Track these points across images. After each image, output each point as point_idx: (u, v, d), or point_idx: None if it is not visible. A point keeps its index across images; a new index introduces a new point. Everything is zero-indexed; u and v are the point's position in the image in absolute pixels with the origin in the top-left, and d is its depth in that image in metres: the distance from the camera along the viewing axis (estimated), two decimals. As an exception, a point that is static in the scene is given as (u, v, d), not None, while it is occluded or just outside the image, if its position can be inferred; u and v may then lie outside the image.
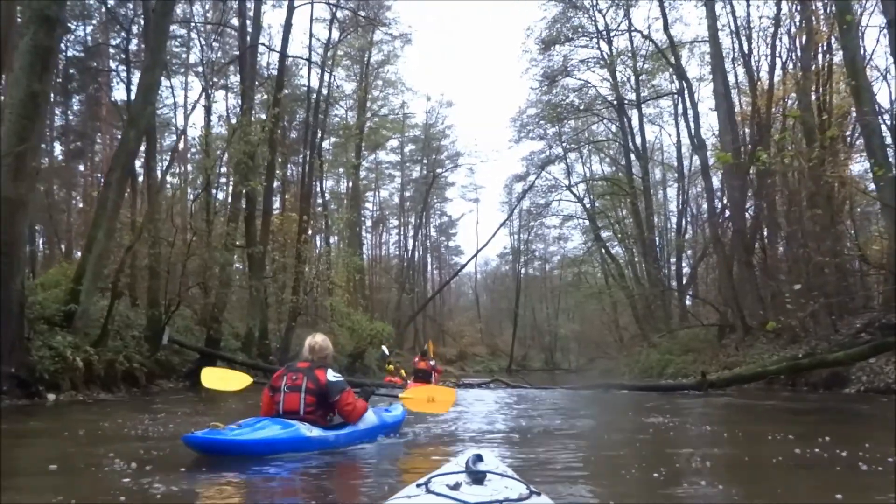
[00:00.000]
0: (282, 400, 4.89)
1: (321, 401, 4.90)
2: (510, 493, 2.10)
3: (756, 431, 6.75)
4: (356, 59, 38.26)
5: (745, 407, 10.77)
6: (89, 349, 10.99)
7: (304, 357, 5.12)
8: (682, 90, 25.69)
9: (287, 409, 4.84)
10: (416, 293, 47.47)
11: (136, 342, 14.16)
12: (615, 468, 4.59)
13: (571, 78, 34.47)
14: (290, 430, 4.60)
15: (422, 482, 2.20)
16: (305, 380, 4.89)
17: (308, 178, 25.38)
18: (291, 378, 4.95)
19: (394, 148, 49.87)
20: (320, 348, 5.08)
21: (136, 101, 12.43)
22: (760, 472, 4.32)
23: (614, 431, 7.32)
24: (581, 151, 44.04)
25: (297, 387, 4.89)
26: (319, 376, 4.96)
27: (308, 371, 4.96)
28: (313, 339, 5.19)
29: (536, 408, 10.93)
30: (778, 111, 22.11)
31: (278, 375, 5.06)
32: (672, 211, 40.72)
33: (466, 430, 6.85)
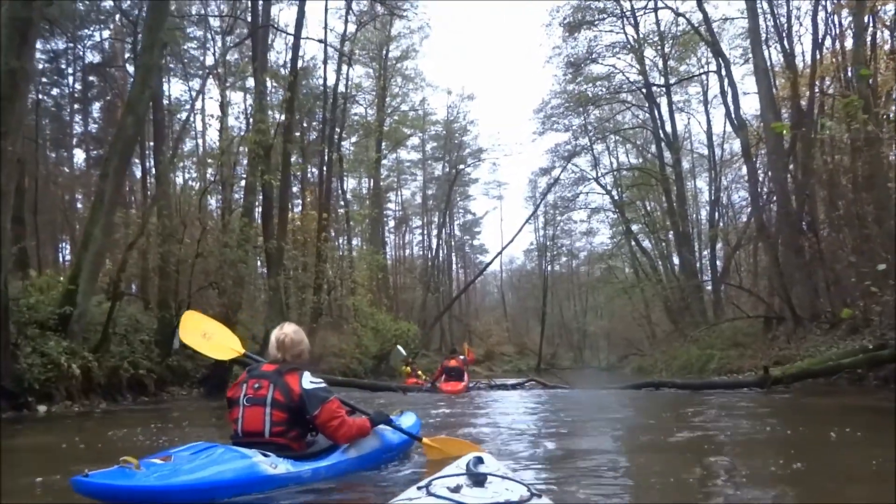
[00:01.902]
0: (241, 417, 3.53)
1: (294, 417, 3.54)
2: (511, 496, 2.11)
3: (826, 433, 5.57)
4: (374, 56, 37.37)
5: (810, 406, 9.52)
6: (87, 355, 10.07)
7: (272, 356, 3.75)
8: (719, 68, 24.26)
9: (248, 430, 3.51)
10: (441, 293, 46.50)
11: (144, 347, 13.27)
12: (649, 473, 4.15)
13: (597, 64, 33.10)
14: (240, 464, 3.13)
15: (422, 484, 2.21)
16: (272, 388, 3.51)
17: (327, 173, 24.44)
18: (253, 387, 3.55)
19: (415, 146, 49.05)
20: (291, 343, 3.72)
21: (133, 84, 11.51)
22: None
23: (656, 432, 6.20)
24: (607, 142, 42.82)
25: (260, 399, 3.50)
26: (291, 383, 3.56)
27: (275, 376, 3.56)
28: (280, 331, 3.80)
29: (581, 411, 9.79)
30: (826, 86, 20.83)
31: (237, 384, 3.67)
32: (703, 202, 39.35)
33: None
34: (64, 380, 9.29)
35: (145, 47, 11.04)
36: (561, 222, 49.82)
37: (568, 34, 31.24)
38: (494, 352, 48.86)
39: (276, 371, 3.58)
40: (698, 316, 29.50)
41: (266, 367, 3.64)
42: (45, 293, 10.98)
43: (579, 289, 59.19)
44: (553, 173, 41.63)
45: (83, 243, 10.24)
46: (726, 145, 35.17)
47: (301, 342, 3.78)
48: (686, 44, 29.75)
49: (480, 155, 48.22)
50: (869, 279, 9.74)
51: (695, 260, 32.45)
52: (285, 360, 3.67)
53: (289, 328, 3.79)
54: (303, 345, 3.79)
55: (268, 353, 3.78)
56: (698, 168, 40.79)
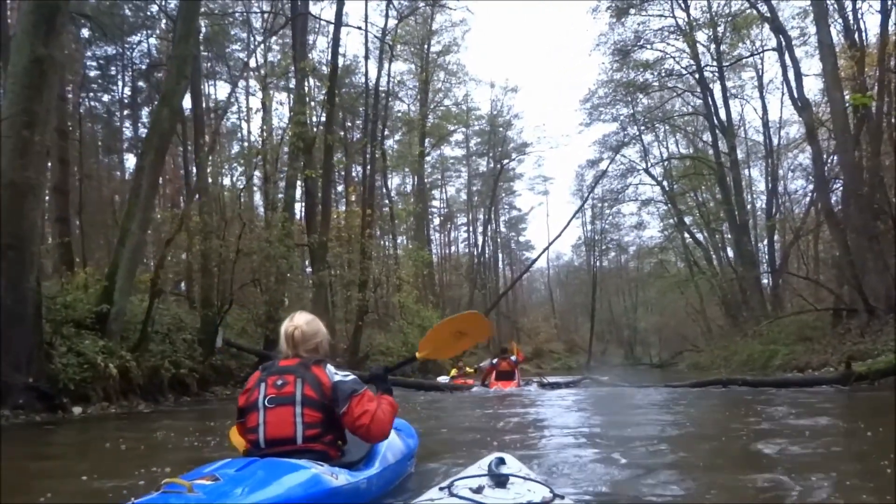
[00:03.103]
0: (261, 423, 2.89)
1: (330, 417, 2.94)
2: (533, 497, 2.09)
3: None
4: (416, 52, 36.91)
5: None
6: (126, 354, 9.75)
7: (284, 352, 3.10)
8: (779, 46, 22.92)
9: (274, 437, 2.87)
10: (487, 289, 45.85)
11: (187, 346, 13.00)
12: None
13: (646, 50, 31.91)
14: (302, 477, 2.55)
15: (444, 485, 2.22)
16: (300, 384, 2.91)
17: (371, 169, 24.03)
18: (274, 385, 2.92)
19: (459, 142, 48.47)
20: (303, 336, 3.06)
21: (168, 75, 11.19)
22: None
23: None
24: (657, 132, 41.52)
25: (286, 397, 2.89)
26: (320, 376, 2.95)
27: (301, 370, 2.95)
28: (290, 322, 3.13)
29: (644, 411, 9.02)
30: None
31: (250, 387, 3.03)
32: (757, 192, 37.69)
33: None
34: (101, 380, 8.97)
35: (180, 37, 10.70)
36: (609, 216, 48.72)
37: (615, 19, 30.16)
38: (543, 349, 48.04)
39: (301, 364, 2.97)
40: (758, 310, 28.16)
41: (285, 362, 3.02)
42: (84, 291, 10.74)
43: (629, 284, 57.92)
44: (601, 165, 40.59)
45: (120, 239, 9.96)
46: (783, 132, 33.78)
47: (316, 334, 3.13)
48: (740, 24, 28.33)
49: (525, 149, 47.40)
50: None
51: (754, 250, 30.98)
52: (302, 355, 3.05)
53: (300, 318, 3.14)
54: (318, 336, 3.14)
55: (279, 346, 3.15)
56: (752, 157, 39.16)
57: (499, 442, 5.30)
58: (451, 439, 5.94)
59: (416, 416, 7.88)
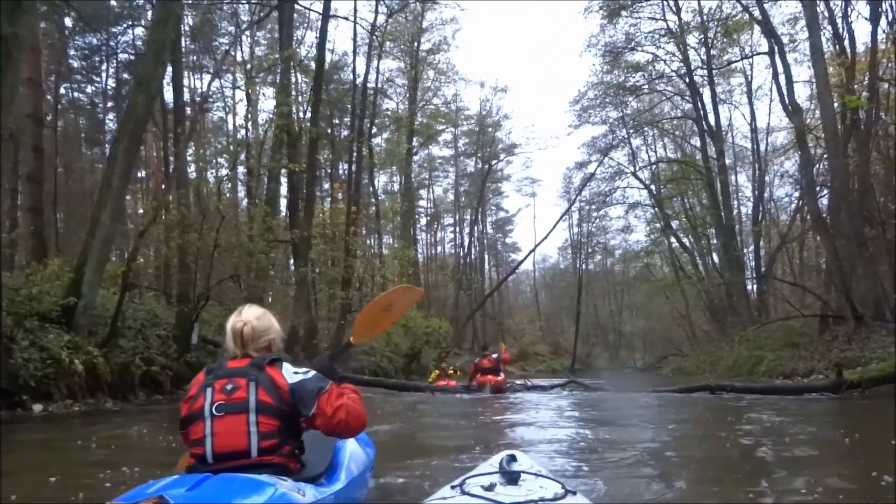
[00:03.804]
0: (209, 434, 2.45)
1: (289, 424, 2.53)
2: (545, 493, 2.06)
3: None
4: (406, 50, 36.55)
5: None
6: (93, 350, 9.32)
7: (231, 351, 2.65)
8: (771, 50, 22.79)
9: (224, 451, 2.43)
10: (473, 290, 45.59)
11: (161, 342, 12.57)
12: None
13: (637, 52, 31.76)
14: (264, 495, 2.13)
15: (456, 483, 2.20)
16: (253, 388, 2.48)
17: (356, 165, 23.64)
18: (223, 390, 2.48)
19: (447, 141, 48.15)
20: (253, 333, 2.62)
21: (145, 59, 10.73)
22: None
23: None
24: (645, 136, 41.48)
25: (238, 404, 2.46)
26: (276, 377, 2.52)
27: (253, 371, 2.52)
28: (238, 317, 2.67)
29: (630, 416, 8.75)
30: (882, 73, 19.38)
31: (193, 393, 2.57)
32: (746, 197, 37.67)
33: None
34: (65, 376, 8.54)
35: (158, 21, 10.28)
36: (596, 219, 48.60)
37: (607, 20, 29.98)
38: (528, 351, 47.84)
39: (253, 365, 2.53)
40: (744, 315, 28.07)
41: (234, 364, 2.58)
42: (53, 283, 10.29)
43: (615, 287, 57.88)
44: (589, 168, 40.46)
45: (90, 230, 9.52)
46: (770, 138, 33.81)
47: (268, 329, 2.69)
48: (731, 28, 28.24)
49: (514, 150, 47.15)
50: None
51: (741, 256, 30.93)
52: (252, 353, 2.63)
53: (249, 313, 2.69)
54: (270, 332, 2.70)
55: (225, 345, 2.69)
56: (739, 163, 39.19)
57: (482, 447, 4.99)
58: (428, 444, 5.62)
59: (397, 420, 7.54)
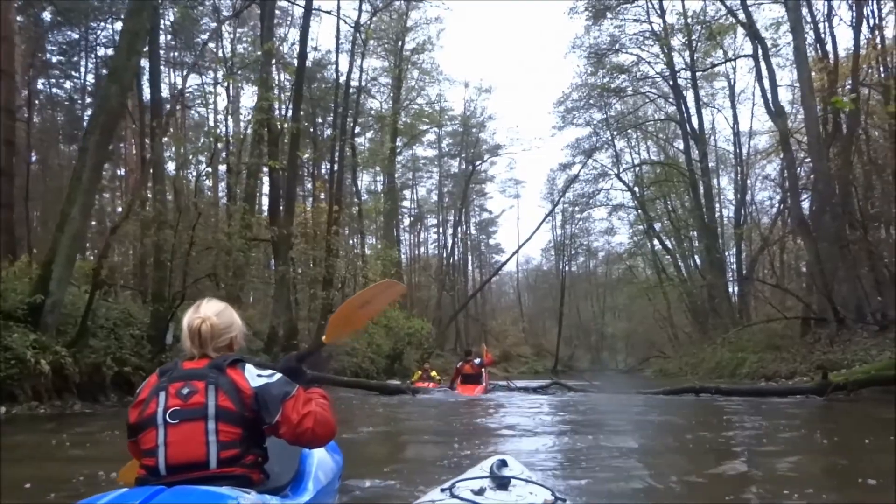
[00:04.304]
0: (162, 443, 2.19)
1: (251, 432, 2.27)
2: (535, 499, 2.09)
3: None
4: (391, 49, 36.27)
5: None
6: (61, 350, 8.97)
7: (188, 351, 2.38)
8: (755, 52, 22.82)
9: (179, 462, 2.17)
10: (456, 291, 45.37)
11: (135, 342, 12.20)
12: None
13: (622, 53, 31.79)
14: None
15: (446, 487, 2.20)
16: (212, 392, 2.22)
17: (339, 163, 23.32)
18: (178, 394, 2.22)
19: (431, 142, 47.87)
20: (212, 332, 2.34)
21: (118, 49, 10.37)
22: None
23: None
24: (629, 139, 41.60)
25: (195, 410, 2.20)
26: (237, 379, 2.25)
27: (212, 373, 2.25)
28: (197, 313, 2.38)
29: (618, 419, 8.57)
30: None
31: (144, 397, 2.28)
32: (728, 200, 37.86)
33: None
34: (30, 377, 8.19)
35: (133, 9, 9.92)
36: (580, 220, 48.70)
37: (592, 22, 29.96)
38: (511, 353, 47.72)
39: (213, 366, 2.26)
40: (726, 317, 28.15)
41: (190, 364, 2.31)
42: (19, 280, 9.91)
43: (597, 289, 58.02)
44: (573, 169, 40.50)
45: (59, 225, 9.16)
46: (752, 142, 34.04)
47: (229, 327, 2.41)
48: (716, 31, 28.31)
49: (498, 151, 47.01)
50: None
51: (723, 258, 31.04)
52: (212, 353, 2.34)
53: (208, 308, 2.40)
54: (232, 330, 2.43)
55: (182, 343, 2.42)
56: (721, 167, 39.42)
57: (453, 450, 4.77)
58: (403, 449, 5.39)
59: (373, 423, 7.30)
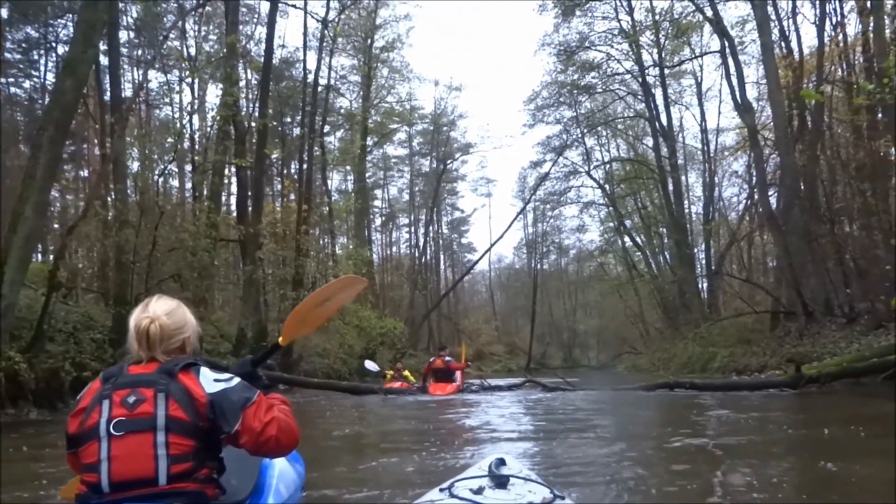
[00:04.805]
0: (106, 458, 1.92)
1: (206, 444, 2.01)
2: (534, 497, 2.08)
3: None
4: (360, 48, 35.90)
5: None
6: (15, 355, 8.57)
7: (135, 354, 2.08)
8: (723, 49, 23.01)
9: (125, 479, 1.90)
10: (429, 290, 45.19)
11: (96, 346, 11.79)
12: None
13: (591, 50, 31.88)
14: None
15: (445, 486, 2.19)
16: (162, 401, 1.96)
17: (308, 161, 22.93)
18: (124, 402, 1.95)
19: (402, 141, 47.56)
20: (161, 332, 2.06)
21: (74, 41, 9.93)
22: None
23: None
24: (599, 137, 41.81)
25: (142, 421, 1.94)
26: (190, 385, 2.00)
27: (162, 379, 1.99)
28: (145, 311, 2.10)
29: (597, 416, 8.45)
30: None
31: (84, 406, 2.00)
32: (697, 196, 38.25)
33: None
34: (-20, 384, 7.80)
35: (88, 1, 9.54)
36: (551, 218, 48.85)
37: (561, 19, 29.98)
38: (484, 351, 47.67)
39: (162, 370, 1.99)
40: (697, 312, 28.39)
41: (137, 369, 2.03)
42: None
43: (569, 287, 58.29)
44: (544, 167, 40.58)
45: (11, 225, 8.72)
46: (720, 139, 34.47)
47: (181, 327, 2.14)
48: (684, 27, 28.54)
49: (469, 149, 46.92)
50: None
51: (693, 254, 31.32)
52: (161, 356, 2.05)
53: (158, 307, 2.12)
54: (184, 330, 2.15)
55: (128, 345, 2.12)
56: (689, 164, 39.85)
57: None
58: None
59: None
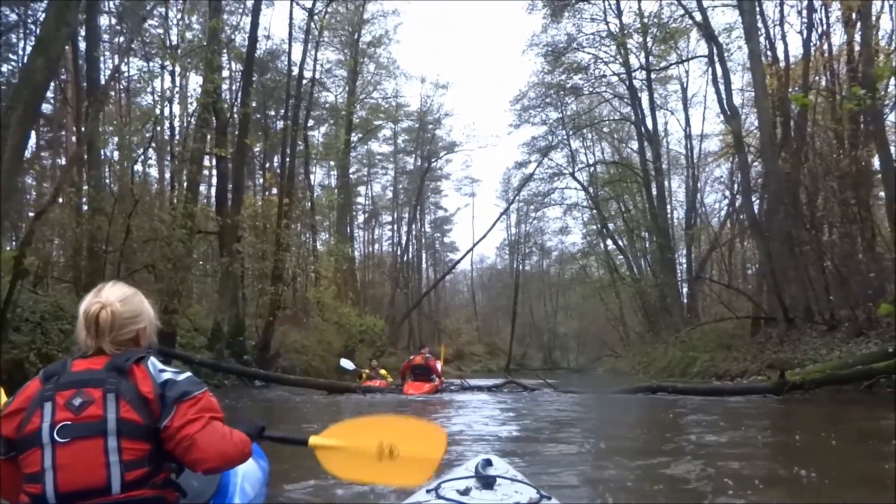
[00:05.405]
0: (51, 467, 1.66)
1: (161, 446, 1.76)
2: (520, 498, 2.07)
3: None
4: (346, 43, 35.54)
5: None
6: (-26, 344, 8.22)
7: (83, 344, 1.82)
8: (710, 54, 23.00)
9: (73, 489, 1.65)
10: (410, 289, 44.96)
11: (65, 337, 11.39)
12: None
13: (579, 51, 31.81)
14: None
15: (431, 487, 2.16)
16: (112, 402, 1.70)
17: (290, 153, 22.56)
18: (69, 405, 1.69)
19: (387, 138, 47.31)
20: (115, 318, 1.80)
21: (46, 19, 9.55)
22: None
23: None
24: (584, 138, 41.80)
25: (91, 425, 1.68)
26: (142, 383, 1.75)
27: (111, 377, 1.73)
28: (97, 297, 1.83)
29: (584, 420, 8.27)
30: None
31: (20, 407, 1.71)
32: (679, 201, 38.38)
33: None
34: (-64, 374, 7.43)
35: (63, -22, 9.18)
36: (534, 219, 48.83)
37: (550, 19, 29.87)
38: (464, 351, 47.55)
39: (111, 367, 1.75)
40: (677, 317, 28.42)
41: (83, 365, 1.77)
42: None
43: (550, 289, 58.31)
44: (528, 168, 40.52)
45: (-25, 208, 8.37)
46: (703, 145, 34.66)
47: (136, 317, 1.87)
48: (672, 33, 28.55)
49: (454, 147, 46.72)
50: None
51: (674, 258, 31.37)
52: (104, 353, 1.79)
53: (111, 292, 1.86)
54: (140, 320, 1.89)
55: (76, 335, 1.86)
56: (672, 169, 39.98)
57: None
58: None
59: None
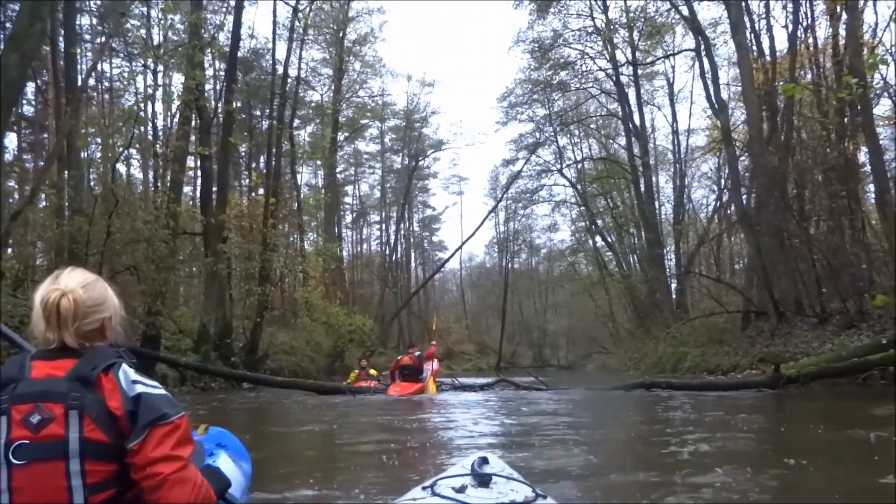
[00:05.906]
0: (6, 489, 1.47)
1: (126, 469, 1.54)
2: (516, 496, 2.07)
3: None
4: (331, 41, 35.26)
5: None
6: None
7: (41, 337, 1.59)
8: (698, 48, 22.93)
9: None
10: (399, 288, 44.81)
11: (46, 341, 11.11)
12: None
13: (565, 47, 31.70)
14: None
15: (427, 485, 2.18)
16: (75, 420, 1.50)
17: (276, 152, 22.28)
18: (26, 422, 1.48)
19: (373, 137, 47.06)
20: (77, 307, 1.58)
21: (20, 14, 9.26)
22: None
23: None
24: (572, 134, 41.73)
25: (51, 446, 1.48)
26: (110, 396, 1.53)
27: (74, 388, 1.51)
28: (56, 283, 1.60)
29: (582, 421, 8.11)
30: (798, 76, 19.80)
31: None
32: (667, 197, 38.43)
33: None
34: None
35: (37, -29, 8.91)
36: (523, 217, 48.76)
37: (536, 15, 29.73)
38: (454, 350, 47.47)
39: (74, 376, 1.54)
40: (667, 312, 28.39)
41: (43, 370, 1.56)
42: None
43: (539, 286, 58.29)
44: (516, 165, 40.42)
45: (-52, 208, 8.06)
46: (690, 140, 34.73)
47: (100, 305, 1.65)
48: (658, 27, 28.48)
49: (441, 146, 46.56)
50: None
51: (663, 253, 31.35)
52: (68, 349, 1.59)
53: (71, 279, 1.65)
54: (103, 309, 1.67)
55: (32, 330, 1.64)
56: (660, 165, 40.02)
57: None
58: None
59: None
